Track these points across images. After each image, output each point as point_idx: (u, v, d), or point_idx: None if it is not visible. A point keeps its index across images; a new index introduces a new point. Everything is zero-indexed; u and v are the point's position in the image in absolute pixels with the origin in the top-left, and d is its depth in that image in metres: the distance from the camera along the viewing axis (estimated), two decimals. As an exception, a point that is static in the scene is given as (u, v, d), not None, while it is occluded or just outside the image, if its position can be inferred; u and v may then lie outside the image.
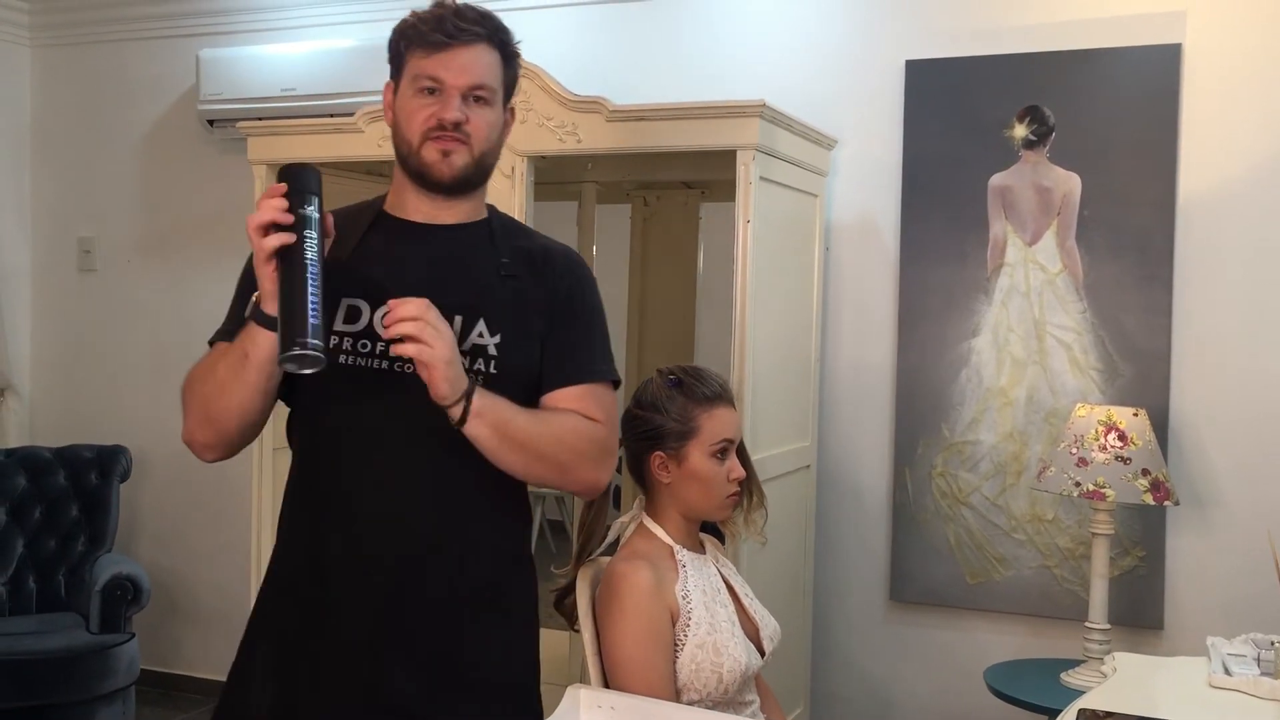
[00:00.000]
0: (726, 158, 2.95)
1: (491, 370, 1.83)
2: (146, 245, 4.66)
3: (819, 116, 3.48)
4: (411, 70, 2.00)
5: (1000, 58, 3.43)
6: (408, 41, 2.01)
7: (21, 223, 4.83)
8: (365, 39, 4.02)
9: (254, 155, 3.53)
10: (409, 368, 1.73)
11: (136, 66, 4.63)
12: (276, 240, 1.71)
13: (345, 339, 1.83)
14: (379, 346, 1.81)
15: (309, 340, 1.61)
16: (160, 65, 4.57)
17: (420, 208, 2.00)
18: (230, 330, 1.89)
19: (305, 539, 1.92)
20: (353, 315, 1.85)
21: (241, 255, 1.99)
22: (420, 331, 1.66)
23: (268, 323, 1.70)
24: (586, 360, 1.90)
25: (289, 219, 1.75)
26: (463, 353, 1.78)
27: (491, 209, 2.07)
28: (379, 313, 1.80)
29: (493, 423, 1.73)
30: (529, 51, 3.28)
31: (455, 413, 1.70)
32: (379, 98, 2.16)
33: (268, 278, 1.70)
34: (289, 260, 1.70)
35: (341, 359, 1.81)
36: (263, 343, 1.72)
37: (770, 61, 3.70)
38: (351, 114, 3.39)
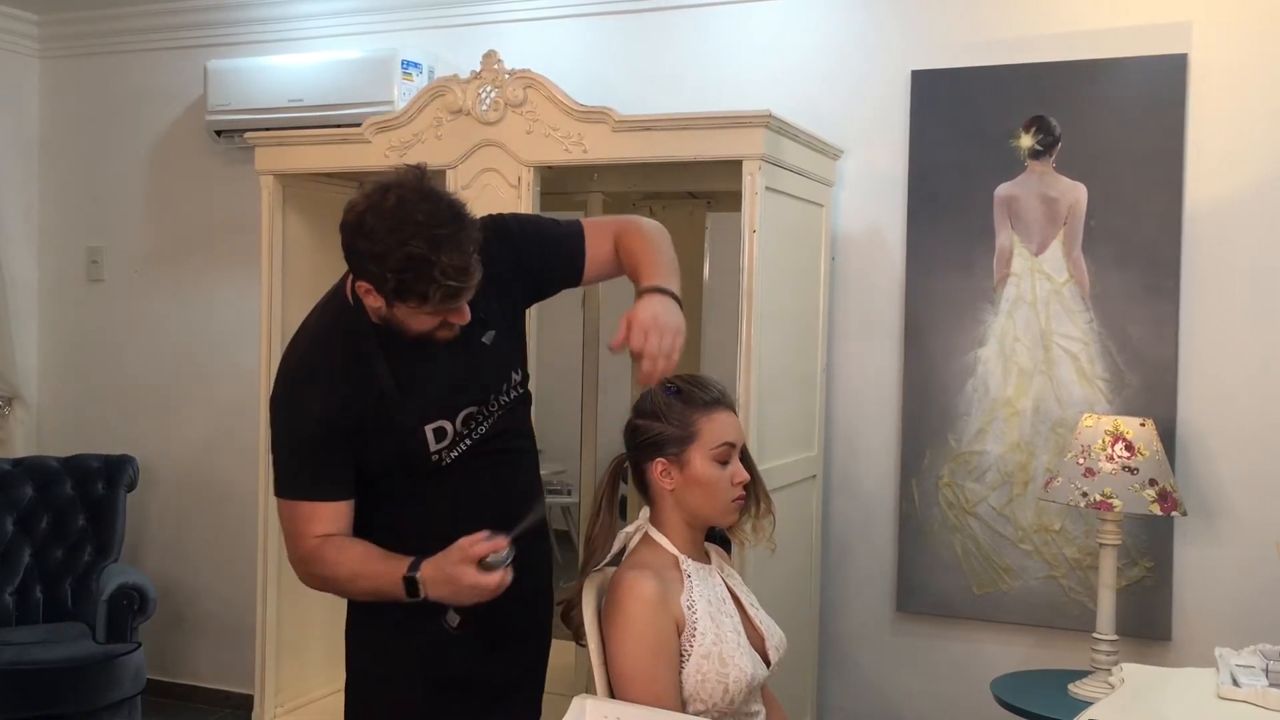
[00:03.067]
0: (732, 168, 2.95)
1: (521, 392, 2.26)
2: (154, 255, 4.67)
3: (825, 127, 3.49)
4: (412, 311, 2.03)
5: (1006, 68, 3.43)
6: (423, 305, 2.01)
7: (30, 233, 4.84)
8: (372, 50, 4.04)
9: (261, 165, 3.54)
10: (511, 401, 2.21)
11: (144, 77, 4.65)
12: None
13: (469, 436, 2.17)
14: (487, 424, 2.19)
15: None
16: (168, 76, 4.59)
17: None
18: (325, 489, 2.13)
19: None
20: (440, 434, 2.13)
21: (250, 265, 2.02)
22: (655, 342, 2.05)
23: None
24: (567, 238, 2.29)
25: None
26: (508, 400, 2.20)
27: None
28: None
29: (674, 284, 2.16)
30: (536, 62, 3.31)
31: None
32: (386, 108, 2.24)
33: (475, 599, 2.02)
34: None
35: (469, 445, 2.17)
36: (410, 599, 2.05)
37: (776, 72, 3.71)
38: (358, 124, 3.40)
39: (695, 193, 3.86)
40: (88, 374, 4.80)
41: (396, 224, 1.98)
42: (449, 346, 2.09)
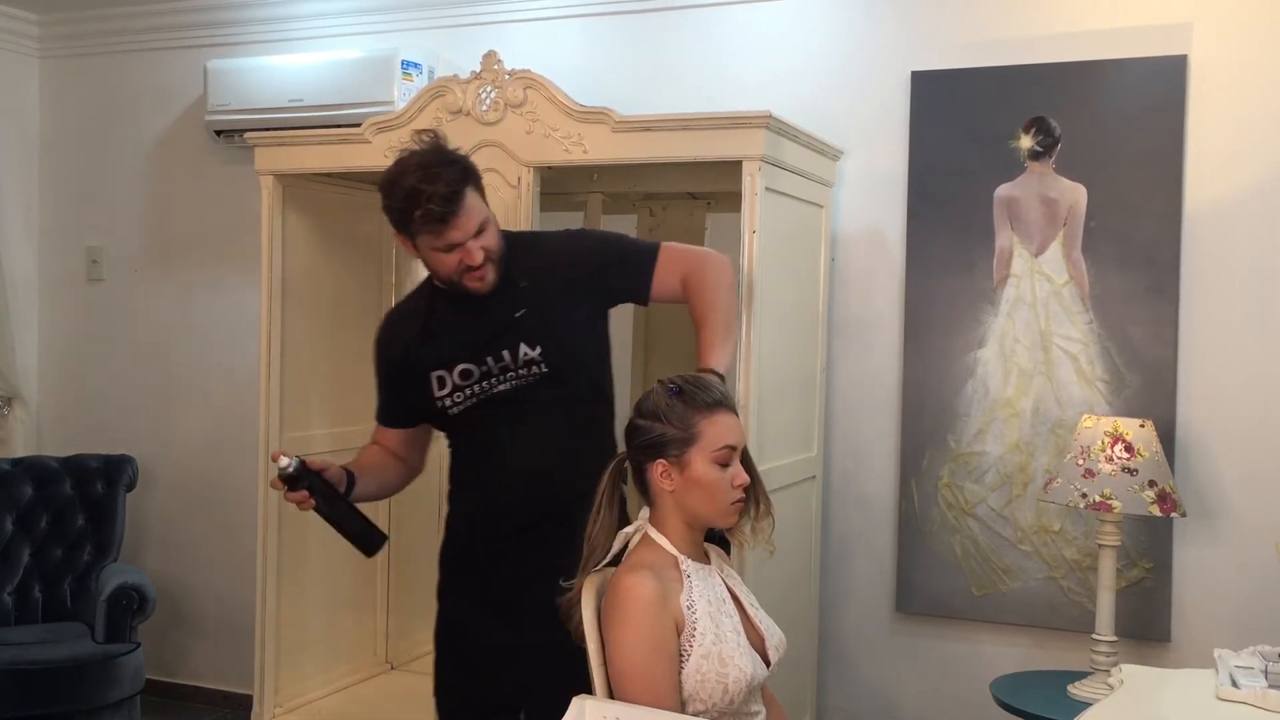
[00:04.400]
0: (732, 169, 2.95)
1: (544, 369, 2.48)
2: (154, 255, 4.67)
3: (825, 127, 3.49)
4: (427, 244, 2.46)
5: (1006, 69, 3.44)
6: (413, 229, 2.44)
7: (30, 233, 4.84)
8: (372, 50, 4.04)
9: (261, 165, 3.54)
10: (531, 374, 2.48)
11: (144, 77, 4.65)
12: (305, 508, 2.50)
13: (466, 389, 2.51)
14: (493, 383, 2.50)
15: (377, 546, 2.54)
16: (168, 76, 4.59)
17: None
18: (381, 414, 2.72)
19: (486, 494, 2.58)
20: (466, 374, 2.50)
21: (250, 265, 2.05)
22: None
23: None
24: (635, 263, 2.60)
25: (303, 499, 2.47)
26: (519, 368, 2.47)
27: (507, 241, 2.55)
28: None
29: (728, 358, 2.46)
30: (537, 62, 3.31)
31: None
32: (386, 108, 2.36)
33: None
34: (321, 513, 2.49)
35: (474, 402, 2.51)
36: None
37: (776, 72, 3.71)
38: (358, 124, 3.40)
39: (695, 193, 3.86)
40: (87, 374, 4.80)
41: (401, 167, 2.46)
42: (475, 311, 2.50)
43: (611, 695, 2.04)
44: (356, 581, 4.03)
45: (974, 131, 3.46)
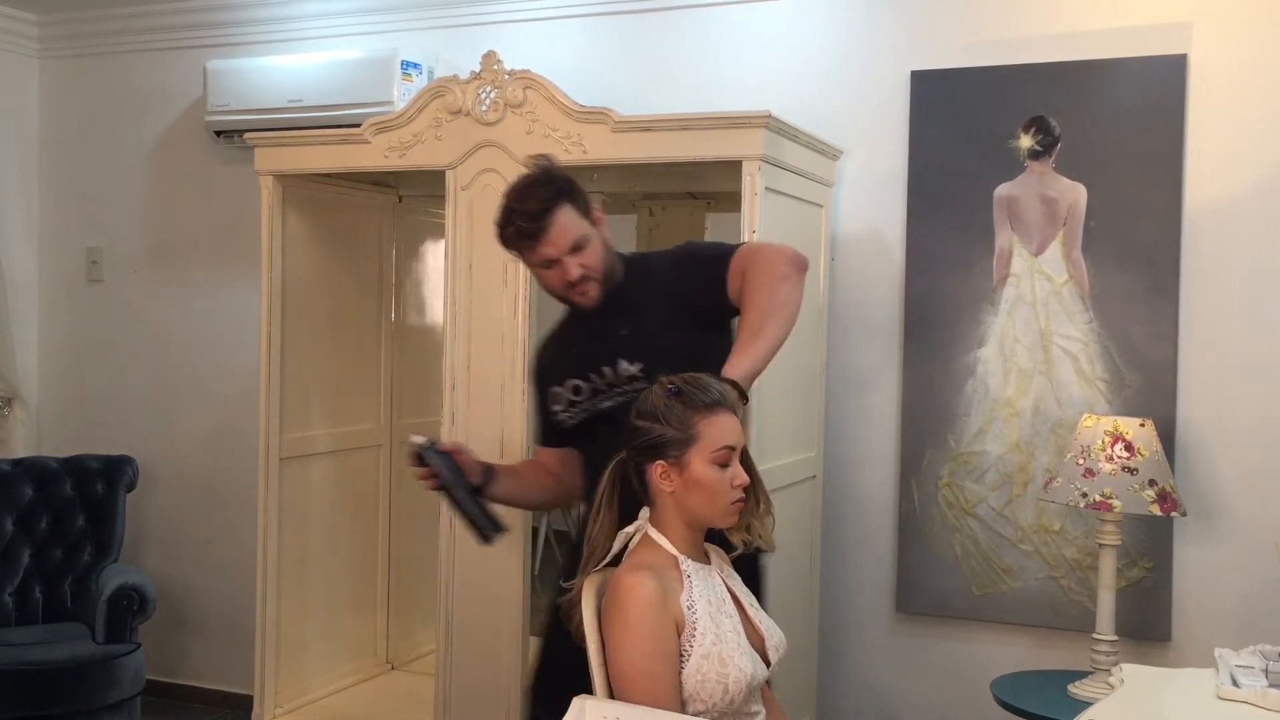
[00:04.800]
0: (732, 168, 2.96)
1: (646, 386, 2.41)
2: (154, 256, 4.67)
3: (825, 127, 3.49)
4: (529, 261, 2.59)
5: (1006, 68, 3.43)
6: (509, 245, 2.59)
7: (30, 233, 4.84)
8: (372, 50, 4.04)
9: (261, 166, 3.55)
10: (635, 390, 2.45)
11: (144, 78, 4.65)
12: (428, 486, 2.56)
13: (578, 404, 2.58)
14: (599, 399, 2.56)
15: (490, 536, 2.54)
16: (167, 76, 4.59)
17: None
18: (536, 431, 2.81)
19: None
20: (577, 390, 2.58)
21: (250, 265, 2.05)
22: None
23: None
24: (711, 269, 2.54)
25: (424, 474, 2.53)
26: (622, 384, 2.52)
27: (624, 263, 2.65)
28: None
29: (750, 368, 2.32)
30: (536, 63, 3.31)
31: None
32: (386, 108, 2.32)
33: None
34: (444, 492, 2.55)
35: (584, 416, 2.59)
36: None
37: (776, 72, 3.71)
38: (358, 125, 3.40)
39: (695, 193, 3.86)
40: (87, 374, 4.80)
41: (506, 190, 2.59)
42: (588, 328, 2.60)
43: (611, 695, 2.04)
44: (357, 582, 4.04)
45: (974, 131, 3.46)
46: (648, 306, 2.56)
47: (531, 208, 2.49)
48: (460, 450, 2.58)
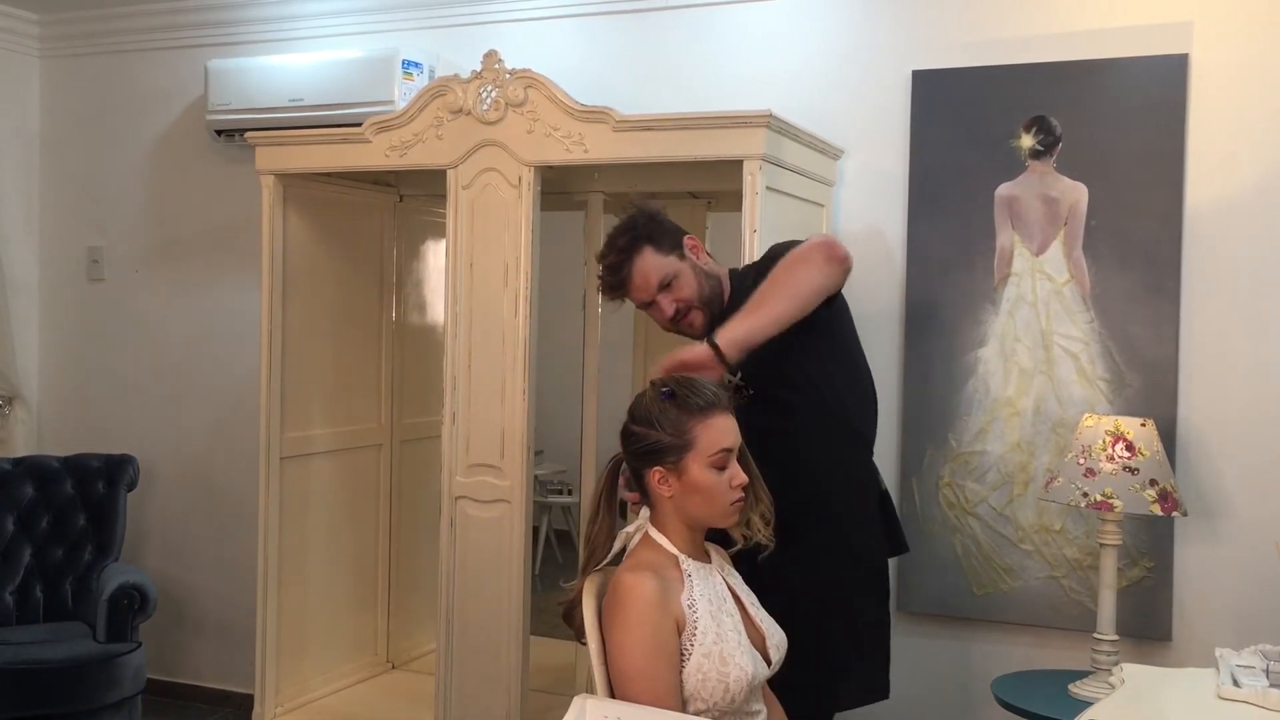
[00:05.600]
0: (733, 168, 2.95)
1: (750, 391, 2.49)
2: (155, 255, 4.67)
3: (826, 127, 3.49)
4: (635, 304, 2.75)
5: (1007, 68, 3.43)
6: (606, 296, 2.74)
7: (30, 232, 4.85)
8: (372, 49, 4.04)
9: (262, 165, 3.55)
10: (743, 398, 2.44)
11: (145, 77, 4.65)
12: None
13: None
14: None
15: None
16: (168, 76, 4.59)
17: None
18: None
19: None
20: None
21: (250, 264, 2.04)
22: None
23: None
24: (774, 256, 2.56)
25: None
26: (730, 394, 2.40)
27: (733, 280, 2.71)
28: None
29: (737, 337, 2.34)
30: (537, 62, 3.31)
31: (709, 353, 2.34)
32: (386, 107, 2.29)
33: None
34: None
35: None
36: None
37: (777, 72, 3.71)
38: (359, 124, 3.40)
39: (696, 192, 3.86)
40: (88, 373, 4.80)
41: None
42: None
43: (612, 694, 2.04)
44: (357, 581, 4.04)
45: (974, 131, 3.46)
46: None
47: (611, 261, 2.65)
48: None
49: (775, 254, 2.60)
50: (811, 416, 2.60)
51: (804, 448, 2.56)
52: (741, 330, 2.34)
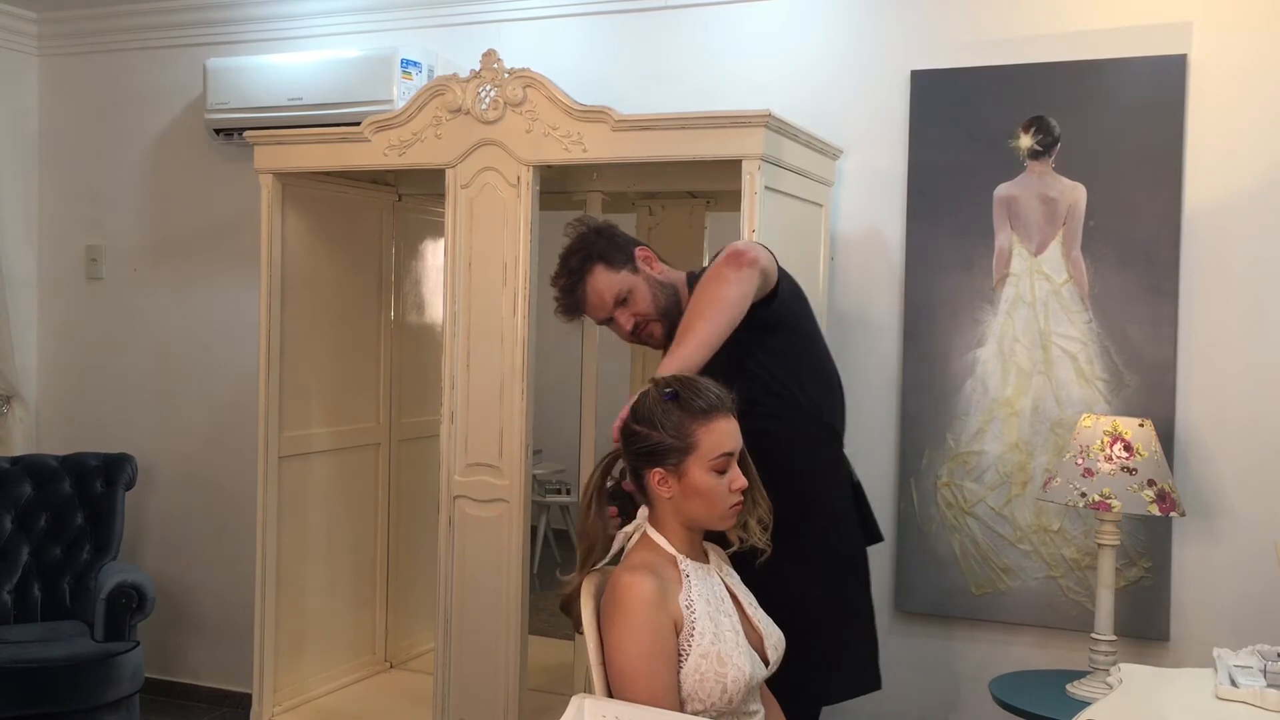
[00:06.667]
0: (732, 167, 2.95)
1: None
2: (153, 254, 4.67)
3: (824, 126, 3.49)
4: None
5: (1006, 68, 3.43)
6: (561, 318, 2.76)
7: (29, 231, 4.84)
8: (371, 48, 4.04)
9: (260, 164, 3.54)
10: None
11: (143, 76, 4.65)
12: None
13: None
14: None
15: None
16: (167, 75, 4.59)
17: None
18: None
19: None
20: None
21: (249, 263, 2.04)
22: None
23: None
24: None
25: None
26: None
27: (692, 286, 2.64)
28: None
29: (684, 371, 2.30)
30: (536, 61, 3.31)
31: None
32: (385, 107, 2.29)
33: None
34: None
35: None
36: None
37: (776, 72, 3.71)
38: (358, 123, 3.40)
39: (695, 192, 3.86)
40: (86, 372, 4.79)
41: None
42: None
43: (610, 694, 2.04)
44: (356, 580, 4.04)
45: (973, 130, 3.46)
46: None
47: (564, 283, 2.67)
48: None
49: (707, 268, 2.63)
50: (780, 411, 2.59)
51: (776, 444, 2.52)
52: (675, 365, 2.31)
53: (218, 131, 4.31)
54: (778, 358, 2.59)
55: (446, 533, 3.26)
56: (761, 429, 2.46)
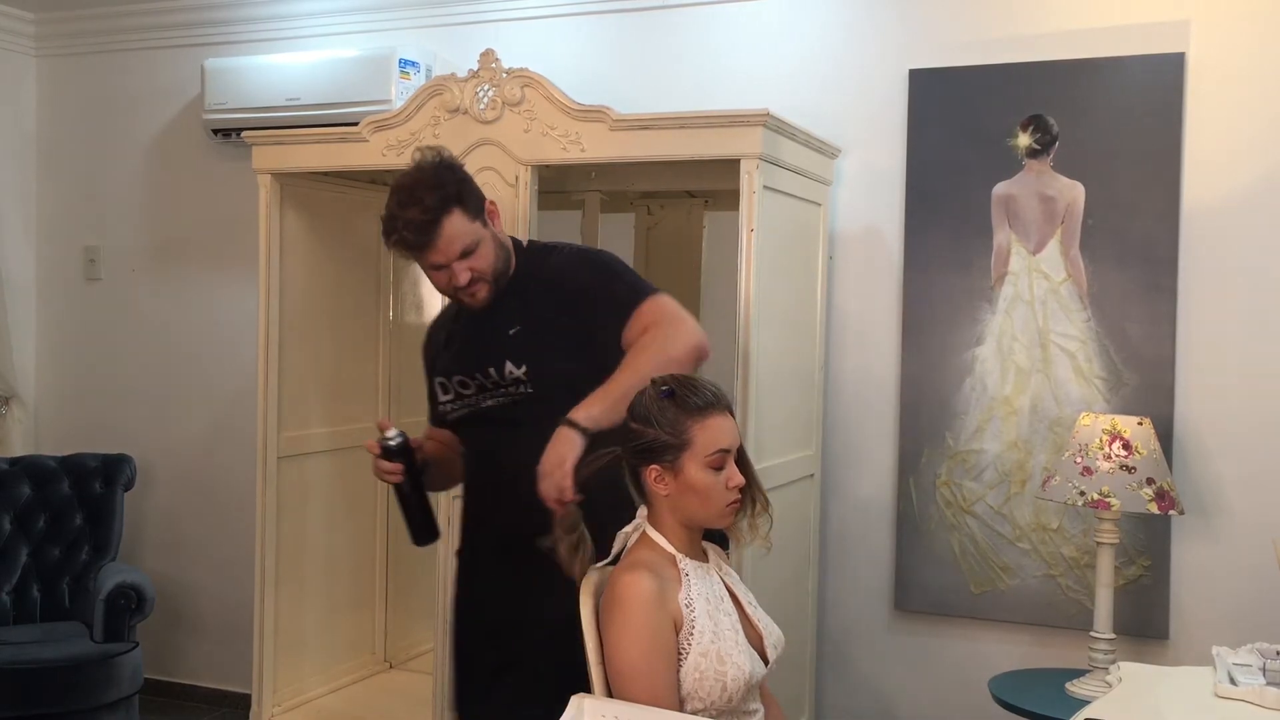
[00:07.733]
0: (730, 167, 2.95)
1: (529, 389, 2.45)
2: (152, 254, 4.67)
3: (823, 125, 3.49)
4: (418, 261, 2.48)
5: (1004, 67, 3.43)
6: (398, 249, 2.48)
7: (27, 232, 4.84)
8: (369, 48, 4.04)
9: (259, 164, 3.54)
10: (518, 393, 2.46)
11: (142, 76, 4.65)
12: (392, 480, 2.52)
13: (462, 399, 2.53)
14: (483, 398, 2.51)
15: (426, 541, 2.60)
16: (165, 75, 4.59)
17: None
18: (429, 413, 2.69)
19: (479, 506, 2.63)
20: (464, 385, 2.52)
21: (247, 264, 2.05)
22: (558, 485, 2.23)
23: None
24: (616, 307, 2.44)
25: (396, 470, 2.48)
26: (506, 385, 2.45)
27: (519, 254, 2.57)
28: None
29: (600, 418, 2.25)
30: (534, 61, 3.31)
31: (583, 441, 2.25)
32: (383, 107, 2.32)
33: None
34: (402, 492, 2.53)
35: (466, 413, 2.53)
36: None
37: (774, 71, 3.71)
38: (356, 123, 3.40)
39: (693, 191, 3.86)
40: (85, 373, 4.79)
41: (391, 187, 2.46)
42: (476, 324, 2.52)
43: (610, 694, 2.04)
44: (355, 580, 4.04)
45: (972, 129, 3.46)
46: (540, 307, 2.48)
47: (416, 218, 2.37)
48: (420, 447, 2.53)
49: (608, 291, 2.47)
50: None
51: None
52: (598, 411, 2.26)
53: (216, 132, 4.31)
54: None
55: (445, 531, 3.26)
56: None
